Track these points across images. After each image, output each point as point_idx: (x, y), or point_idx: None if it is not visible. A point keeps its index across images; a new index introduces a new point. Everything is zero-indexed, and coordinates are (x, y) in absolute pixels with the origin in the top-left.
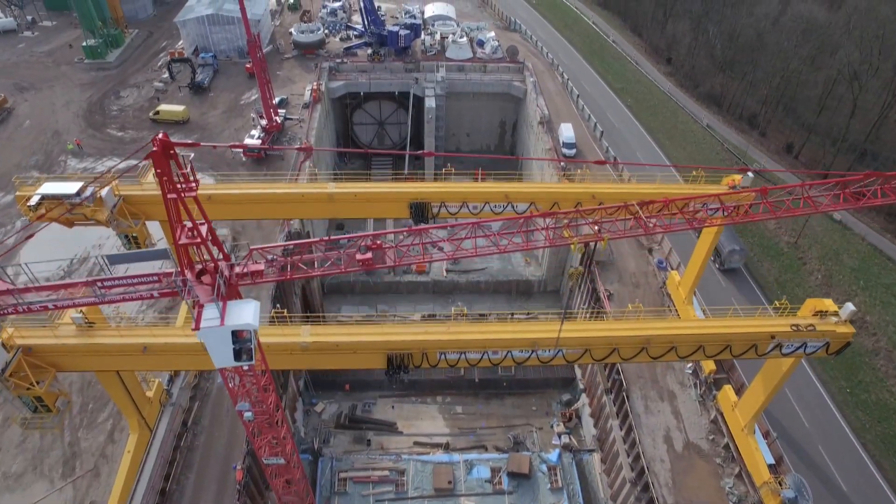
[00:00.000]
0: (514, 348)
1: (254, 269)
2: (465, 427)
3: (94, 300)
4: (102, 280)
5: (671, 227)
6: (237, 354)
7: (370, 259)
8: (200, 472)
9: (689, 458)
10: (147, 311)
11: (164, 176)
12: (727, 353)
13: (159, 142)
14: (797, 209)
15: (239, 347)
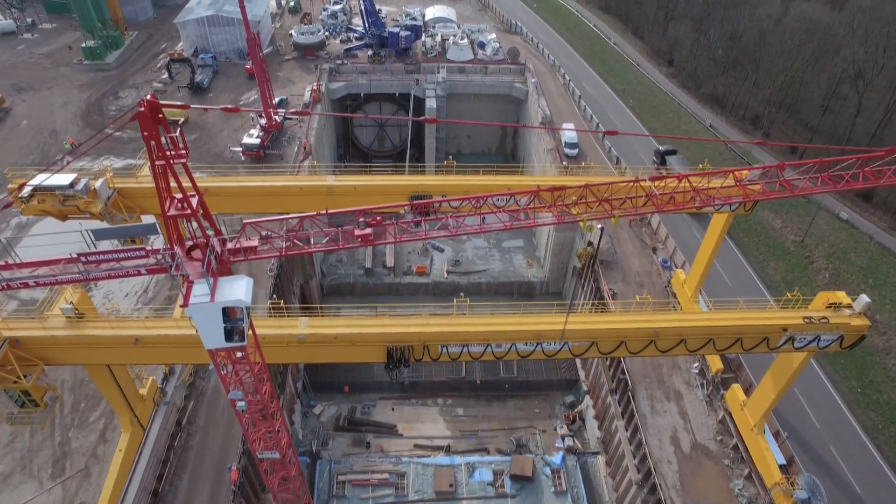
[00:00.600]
0: (519, 341)
1: (247, 246)
2: (467, 429)
3: (79, 277)
4: (87, 255)
5: (684, 204)
6: (228, 334)
7: (369, 235)
8: (194, 472)
9: (697, 460)
10: (142, 309)
11: (152, 139)
12: (738, 346)
13: (147, 103)
14: (815, 187)
15: (230, 327)
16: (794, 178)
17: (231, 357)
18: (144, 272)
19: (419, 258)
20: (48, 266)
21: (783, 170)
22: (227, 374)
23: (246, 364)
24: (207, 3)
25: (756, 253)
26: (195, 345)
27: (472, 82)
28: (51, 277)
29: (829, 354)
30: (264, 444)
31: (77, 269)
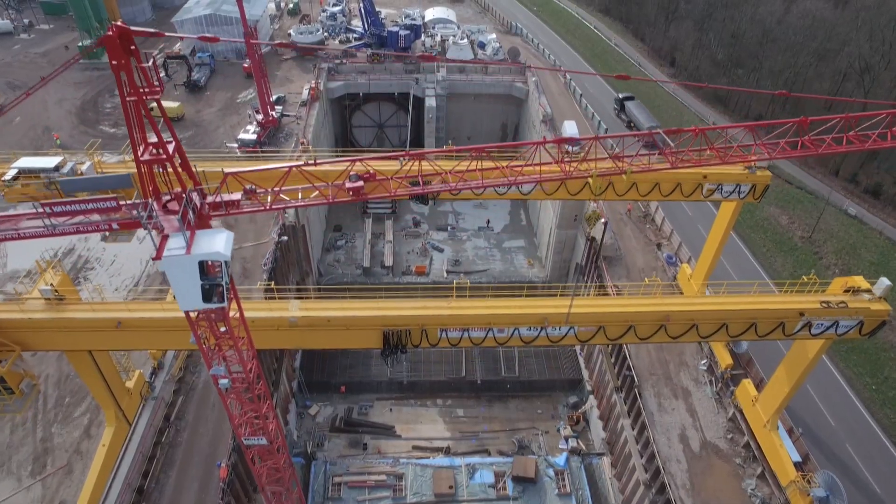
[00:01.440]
0: (522, 325)
1: (229, 200)
2: (467, 431)
3: (43, 231)
4: (51, 204)
5: (700, 161)
6: (206, 293)
7: (361, 188)
8: (182, 469)
9: (707, 459)
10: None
11: (122, 70)
12: (752, 332)
13: (116, 27)
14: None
15: (208, 285)
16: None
17: (213, 330)
18: (116, 227)
19: (418, 258)
20: (10, 221)
21: (806, 126)
22: (209, 347)
23: (230, 340)
24: (206, 3)
25: (763, 249)
26: (181, 328)
27: (472, 82)
28: (12, 232)
29: (842, 351)
30: (250, 429)
31: (42, 223)
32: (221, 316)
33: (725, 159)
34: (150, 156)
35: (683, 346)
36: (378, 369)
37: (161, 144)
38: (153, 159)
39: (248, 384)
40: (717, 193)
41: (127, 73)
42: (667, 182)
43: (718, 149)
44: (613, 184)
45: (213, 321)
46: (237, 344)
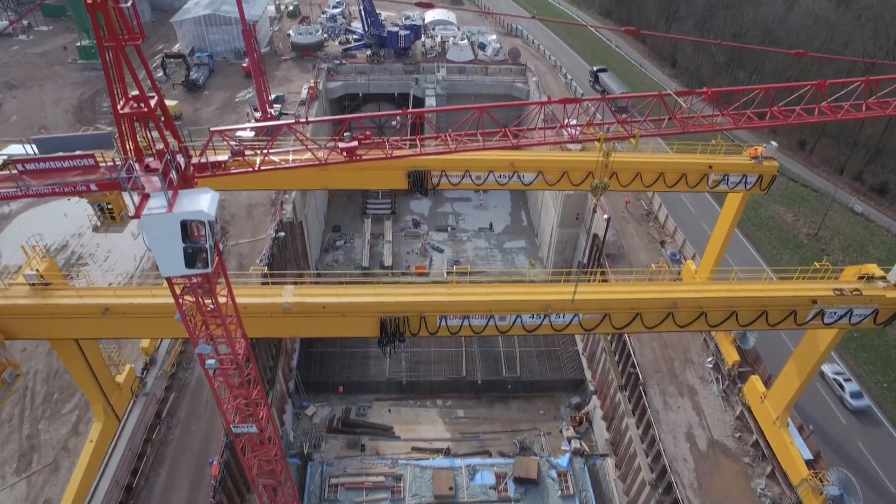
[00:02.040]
0: (525, 312)
1: (215, 161)
2: (467, 432)
3: (15, 192)
4: (24, 162)
5: (712, 126)
6: (189, 258)
7: (354, 148)
8: (173, 467)
9: (715, 458)
10: None
11: (98, 10)
12: (763, 321)
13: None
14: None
15: (191, 248)
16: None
17: (200, 306)
18: (94, 188)
19: (418, 258)
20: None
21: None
22: (195, 324)
23: (217, 318)
24: (205, 4)
25: (769, 247)
26: (171, 314)
27: (473, 82)
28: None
29: (852, 348)
30: (240, 416)
31: (15, 184)
32: (207, 288)
33: (739, 124)
34: (130, 109)
35: (688, 343)
36: (377, 369)
37: (143, 98)
38: (133, 113)
39: (238, 366)
40: (722, 184)
41: (104, 14)
42: (672, 172)
43: (732, 114)
44: (618, 174)
45: (198, 294)
46: (225, 322)
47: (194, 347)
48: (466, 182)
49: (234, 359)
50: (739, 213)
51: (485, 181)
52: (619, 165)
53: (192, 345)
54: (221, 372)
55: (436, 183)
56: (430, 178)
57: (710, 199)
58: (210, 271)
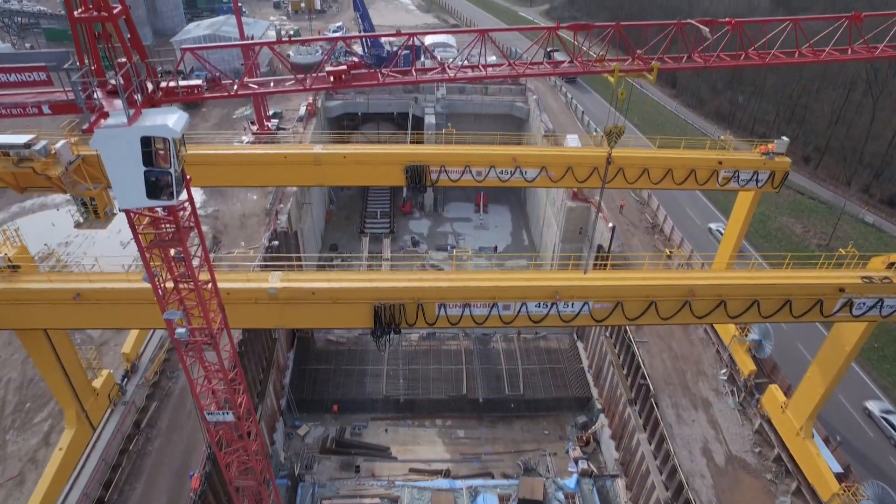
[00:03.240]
0: (531, 300)
1: (187, 85)
2: (469, 453)
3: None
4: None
5: (736, 62)
6: (151, 186)
7: (343, 73)
8: (150, 480)
9: (734, 474)
10: None
11: None
12: (786, 311)
13: None
14: None
15: (154, 175)
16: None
17: (166, 257)
18: (48, 109)
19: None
20: None
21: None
22: (161, 281)
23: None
24: (206, 25)
25: (779, 258)
26: (148, 301)
27: (472, 101)
28: None
29: (874, 359)
30: (215, 402)
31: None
32: (177, 238)
33: (767, 60)
34: (87, 13)
35: (700, 354)
36: (373, 387)
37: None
38: (91, 18)
39: (212, 338)
40: (733, 182)
41: None
42: (680, 168)
43: (759, 53)
44: (624, 170)
45: (164, 246)
46: (197, 283)
47: (162, 313)
48: (467, 178)
49: (208, 329)
50: (751, 213)
51: (486, 177)
52: (625, 161)
53: (160, 309)
54: (194, 347)
55: (434, 179)
56: (429, 173)
57: (714, 209)
58: (175, 204)
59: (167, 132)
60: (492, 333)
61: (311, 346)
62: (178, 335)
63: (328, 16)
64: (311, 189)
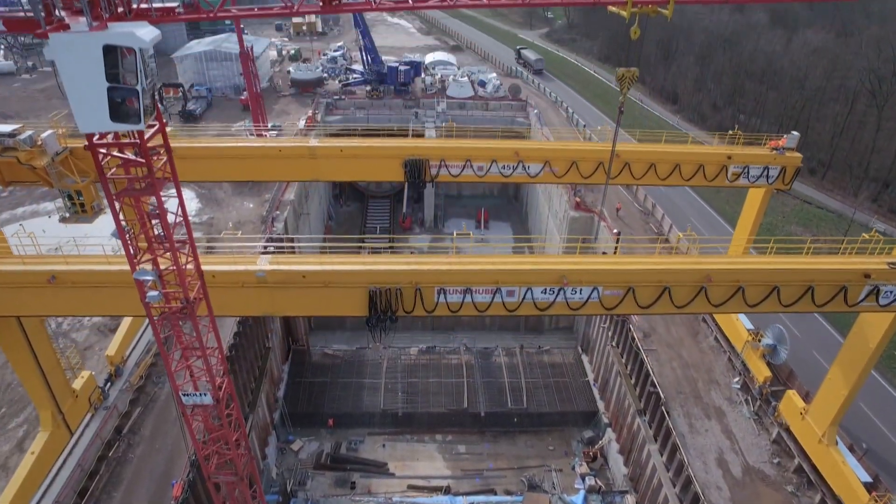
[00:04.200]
0: (537, 285)
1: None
2: (470, 469)
3: None
4: None
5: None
6: (116, 107)
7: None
8: (129, 489)
9: (752, 486)
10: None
11: None
12: (808, 299)
13: None
14: None
15: (118, 92)
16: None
17: (135, 197)
18: (1, 26)
19: None
20: None
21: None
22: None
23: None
24: (207, 42)
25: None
26: (128, 285)
27: (473, 117)
28: None
29: (894, 367)
30: (193, 380)
31: None
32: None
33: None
34: None
35: (711, 362)
36: (370, 401)
37: None
38: None
39: (188, 305)
40: (742, 178)
41: None
42: (688, 163)
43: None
44: (630, 166)
45: (136, 195)
46: (170, 235)
47: (132, 271)
48: (468, 173)
49: (184, 294)
50: (762, 212)
51: (487, 172)
52: (631, 156)
53: (130, 266)
54: (170, 317)
55: (434, 174)
56: (429, 167)
57: (721, 220)
58: (143, 128)
59: (134, 42)
60: (493, 347)
61: (307, 358)
62: (150, 298)
63: (329, 38)
64: (309, 201)
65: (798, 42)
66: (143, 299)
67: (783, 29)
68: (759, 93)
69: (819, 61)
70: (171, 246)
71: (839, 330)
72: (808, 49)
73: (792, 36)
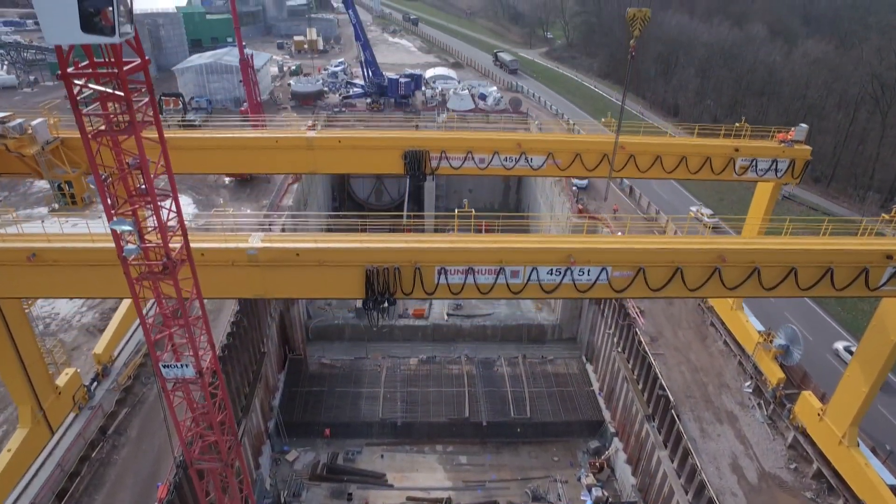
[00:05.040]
0: (542, 264)
1: None
2: (472, 480)
3: None
4: None
5: None
6: (86, 15)
7: None
8: (112, 492)
9: (770, 492)
10: (87, 312)
11: None
12: (827, 283)
13: None
14: None
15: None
16: None
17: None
18: None
19: (416, 302)
20: None
21: None
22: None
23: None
24: (207, 56)
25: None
26: (112, 264)
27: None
28: None
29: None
30: (174, 349)
31: None
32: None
33: None
34: None
35: (721, 366)
36: (369, 410)
37: None
38: None
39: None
40: (750, 171)
41: None
42: (695, 156)
43: None
44: (636, 158)
45: (114, 134)
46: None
47: (108, 221)
48: (469, 166)
49: (165, 250)
50: (771, 208)
51: (489, 164)
52: (637, 148)
53: (107, 214)
54: (149, 275)
55: (435, 166)
56: (429, 159)
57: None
58: (118, 40)
59: None
60: (495, 358)
61: (304, 368)
62: (127, 252)
63: (330, 55)
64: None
65: (798, 53)
66: (119, 254)
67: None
68: (760, 104)
69: (820, 71)
70: (151, 195)
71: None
72: (808, 59)
73: (791, 48)
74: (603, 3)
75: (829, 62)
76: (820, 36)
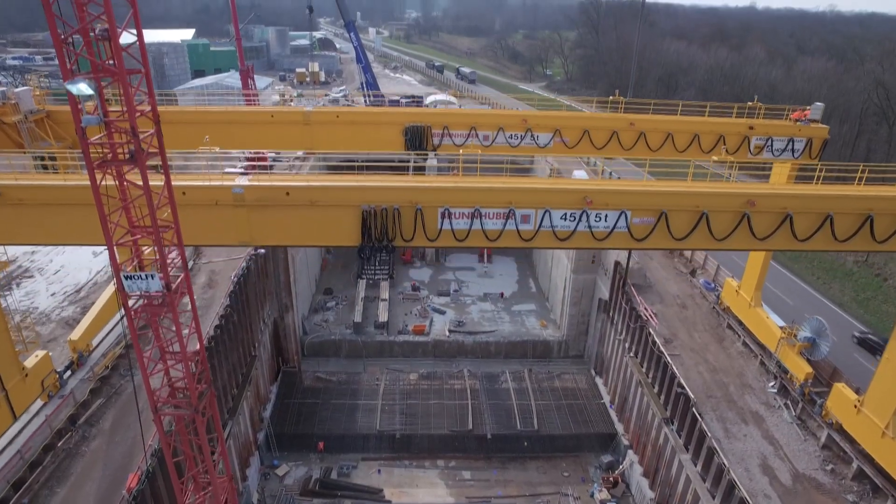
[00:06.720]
0: (556, 207)
1: None
2: (476, 496)
3: None
4: None
5: None
6: None
7: None
8: (77, 485)
9: (806, 494)
10: (68, 308)
11: None
12: (866, 233)
13: None
14: None
15: None
16: None
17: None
18: None
19: (417, 318)
20: None
21: None
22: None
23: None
24: (209, 79)
25: (813, 277)
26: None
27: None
28: None
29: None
30: (137, 256)
31: None
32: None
33: None
34: None
35: (742, 367)
36: (365, 422)
37: None
38: None
39: (134, 134)
40: (766, 151)
41: None
42: (708, 134)
43: None
44: (646, 135)
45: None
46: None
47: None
48: (472, 142)
49: (132, 126)
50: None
51: (493, 142)
52: (648, 125)
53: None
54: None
55: (437, 143)
56: (431, 135)
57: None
58: None
59: None
60: (499, 372)
61: (298, 381)
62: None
63: (332, 86)
64: None
65: (798, 70)
66: (77, 125)
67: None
68: None
69: (822, 85)
70: (117, 56)
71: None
72: (808, 76)
73: (791, 66)
74: (601, 35)
75: (830, 78)
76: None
